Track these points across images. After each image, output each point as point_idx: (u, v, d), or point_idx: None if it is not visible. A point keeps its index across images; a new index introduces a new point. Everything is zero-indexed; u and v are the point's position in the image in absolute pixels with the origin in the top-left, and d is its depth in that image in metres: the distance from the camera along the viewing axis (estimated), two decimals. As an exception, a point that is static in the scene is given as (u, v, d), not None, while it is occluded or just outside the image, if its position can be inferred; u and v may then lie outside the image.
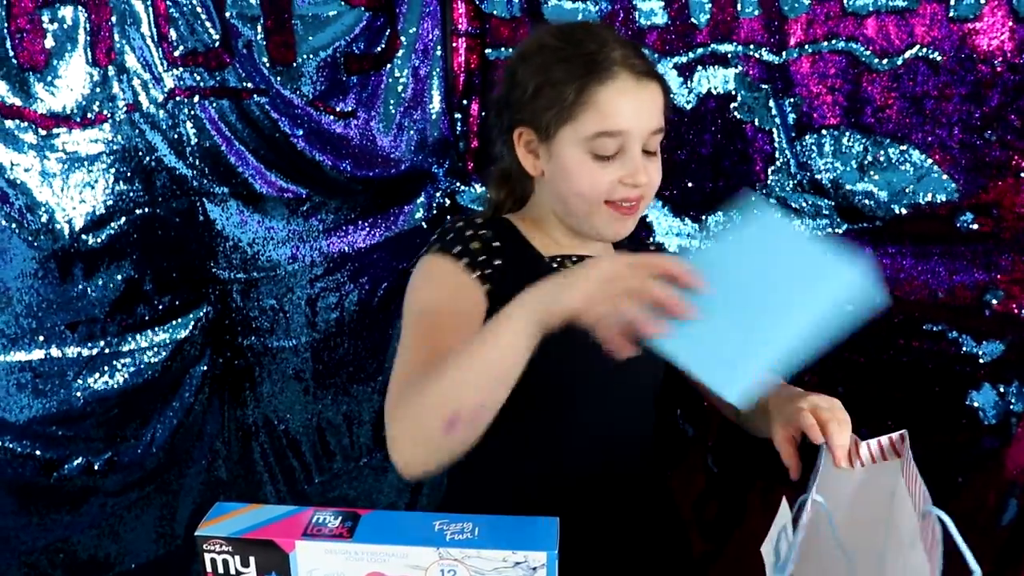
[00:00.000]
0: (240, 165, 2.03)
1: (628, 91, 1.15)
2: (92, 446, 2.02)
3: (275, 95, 2.01)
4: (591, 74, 1.14)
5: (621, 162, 1.18)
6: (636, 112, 1.17)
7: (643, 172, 1.18)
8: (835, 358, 1.98)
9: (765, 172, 1.98)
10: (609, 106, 1.15)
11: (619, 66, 1.14)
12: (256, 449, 2.19)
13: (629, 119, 1.16)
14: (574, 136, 1.18)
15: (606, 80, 1.14)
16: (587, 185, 1.18)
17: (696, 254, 1.02)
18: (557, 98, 1.16)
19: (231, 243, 2.07)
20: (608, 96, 1.14)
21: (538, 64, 1.20)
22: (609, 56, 1.15)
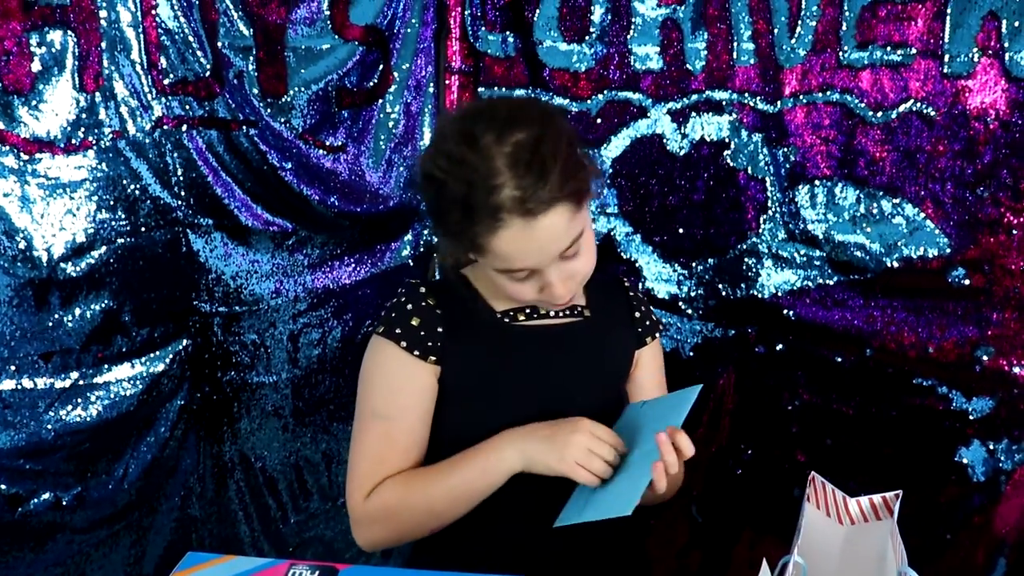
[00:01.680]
0: (226, 197, 2.00)
1: (519, 239, 1.09)
2: (61, 481, 1.96)
3: (264, 127, 1.98)
4: (479, 224, 1.09)
5: (536, 282, 1.17)
6: (534, 252, 1.13)
7: (560, 289, 1.16)
8: (822, 410, 1.99)
9: (757, 221, 1.98)
10: (504, 253, 1.11)
11: (507, 212, 1.07)
12: (232, 487, 2.14)
13: (530, 260, 1.13)
14: (484, 266, 1.19)
15: (496, 229, 1.09)
16: (514, 296, 1.20)
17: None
18: (458, 240, 1.15)
19: (214, 276, 2.03)
20: (500, 244, 1.10)
21: (432, 194, 1.16)
22: (496, 200, 1.07)
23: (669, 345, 2.06)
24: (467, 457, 1.21)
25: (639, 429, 1.24)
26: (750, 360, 2.02)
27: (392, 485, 1.24)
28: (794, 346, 1.99)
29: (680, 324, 2.06)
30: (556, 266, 1.15)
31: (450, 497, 1.22)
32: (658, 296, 2.05)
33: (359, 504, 1.25)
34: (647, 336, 1.43)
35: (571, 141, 1.15)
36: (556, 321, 1.31)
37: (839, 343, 1.96)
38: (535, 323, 1.30)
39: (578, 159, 1.15)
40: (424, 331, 1.25)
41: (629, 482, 1.13)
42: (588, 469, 1.14)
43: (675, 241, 2.01)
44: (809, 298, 1.96)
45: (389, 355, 1.25)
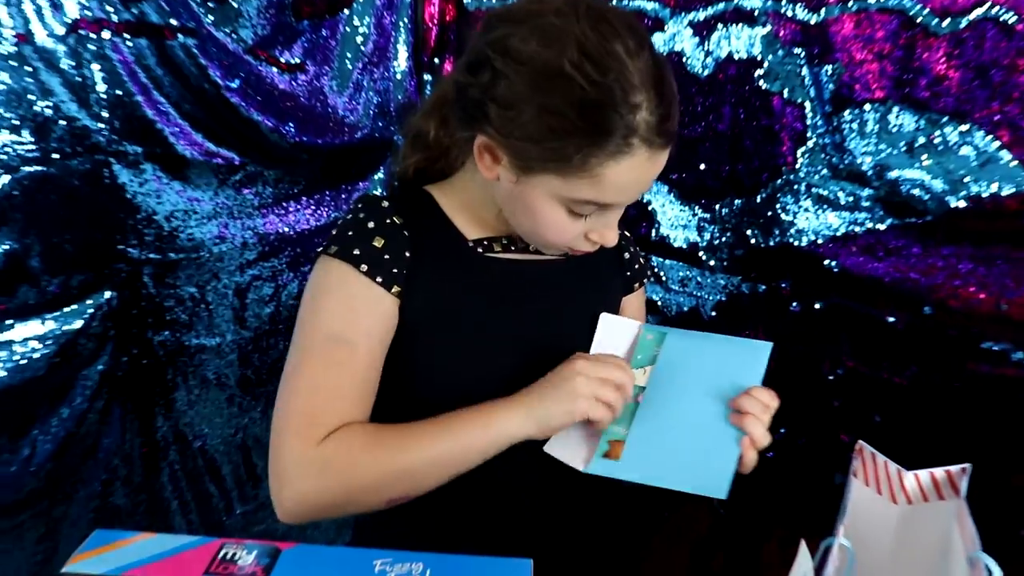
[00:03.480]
0: (159, 120, 1.81)
1: (637, 170, 1.02)
2: None
3: (206, 37, 1.80)
4: (605, 144, 0.99)
5: (594, 218, 1.09)
6: (638, 188, 1.06)
7: (614, 235, 1.11)
8: (870, 381, 1.81)
9: (794, 154, 1.81)
10: (611, 183, 1.02)
11: (639, 139, 0.99)
12: (165, 471, 1.94)
13: (627, 195, 1.06)
14: (557, 189, 1.05)
15: (618, 156, 0.99)
16: (550, 232, 1.10)
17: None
18: (555, 152, 1.02)
19: (144, 215, 1.84)
20: (614, 173, 1.01)
21: (541, 86, 1.00)
22: (634, 123, 0.98)
23: (688, 303, 1.90)
24: (462, 416, 1.07)
25: (685, 373, 1.15)
26: (784, 320, 1.85)
27: (360, 432, 1.07)
28: (836, 304, 1.82)
29: (701, 278, 1.89)
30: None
31: (435, 459, 1.06)
32: (674, 244, 1.89)
33: (309, 448, 1.04)
34: (635, 282, 1.34)
35: None
36: (536, 256, 1.21)
37: (891, 300, 1.78)
38: (513, 256, 1.20)
39: None
40: (389, 255, 1.12)
41: (705, 454, 1.06)
42: (604, 401, 1.05)
43: (696, 179, 1.86)
44: (856, 246, 1.79)
45: (347, 278, 1.10)
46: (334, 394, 1.07)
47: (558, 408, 1.04)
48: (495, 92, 1.03)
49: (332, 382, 1.08)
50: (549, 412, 1.04)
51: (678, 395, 1.13)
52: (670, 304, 1.89)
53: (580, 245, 1.11)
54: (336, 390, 1.08)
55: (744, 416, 1.06)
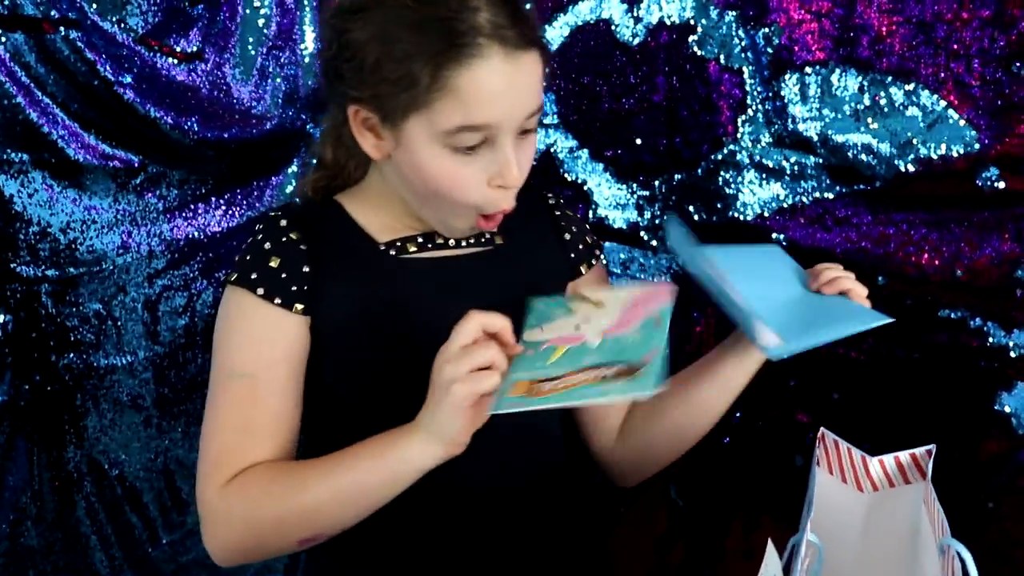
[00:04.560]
0: (45, 123, 1.71)
1: (497, 73, 1.00)
2: None
3: (91, 28, 1.68)
4: (449, 50, 0.99)
5: (487, 156, 1.06)
6: (508, 99, 1.03)
7: (515, 168, 1.05)
8: (826, 357, 1.71)
9: (734, 123, 1.76)
10: (472, 95, 1.00)
11: (486, 38, 0.98)
12: (80, 504, 1.84)
13: (499, 109, 1.02)
14: (428, 127, 1.04)
15: (468, 60, 0.98)
16: (447, 186, 1.07)
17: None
18: (404, 79, 1.02)
19: (37, 228, 1.74)
20: (471, 81, 1.00)
21: (378, 26, 1.03)
22: (473, 22, 0.98)
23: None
24: (363, 446, 1.04)
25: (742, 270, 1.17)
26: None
27: (261, 471, 1.06)
28: None
29: (644, 259, 1.82)
30: (513, 137, 1.04)
31: (335, 495, 1.02)
32: (614, 226, 1.81)
33: (214, 494, 1.06)
34: (582, 263, 1.29)
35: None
36: (457, 252, 1.19)
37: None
38: (430, 255, 1.18)
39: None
40: (285, 272, 1.11)
41: (834, 306, 1.20)
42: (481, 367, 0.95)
43: (632, 155, 1.79)
44: (804, 217, 1.74)
45: (245, 305, 1.11)
46: (240, 433, 1.07)
47: (442, 410, 0.96)
48: (343, 53, 1.06)
49: (236, 421, 1.08)
50: (438, 419, 0.97)
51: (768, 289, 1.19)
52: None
53: (490, 200, 1.07)
54: (242, 429, 1.07)
55: (832, 285, 1.18)
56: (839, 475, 1.11)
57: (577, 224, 1.31)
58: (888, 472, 1.10)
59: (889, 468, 1.10)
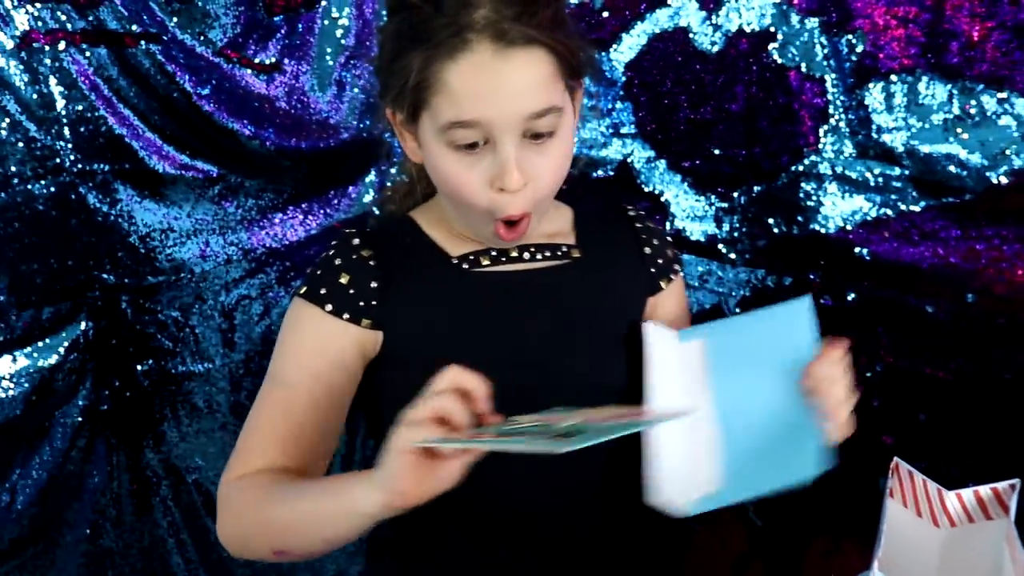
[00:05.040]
0: (127, 135, 1.75)
1: (484, 68, 0.98)
2: None
3: (171, 41, 1.73)
4: (439, 46, 0.99)
5: (489, 157, 1.03)
6: (496, 96, 1.00)
7: (513, 173, 1.02)
8: (911, 376, 1.71)
9: (815, 133, 1.71)
10: (460, 89, 0.99)
11: (477, 33, 0.97)
12: (158, 508, 1.88)
13: (489, 106, 1.00)
14: (432, 124, 1.04)
15: (456, 54, 0.98)
16: (455, 186, 1.06)
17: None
18: (404, 75, 1.03)
19: (118, 237, 1.78)
20: (458, 76, 0.99)
21: (395, 25, 1.05)
22: (468, 19, 0.98)
23: (709, 300, 1.80)
24: (337, 477, 1.03)
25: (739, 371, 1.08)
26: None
27: (263, 476, 1.08)
28: (871, 294, 1.72)
29: (722, 273, 1.80)
30: (516, 138, 1.01)
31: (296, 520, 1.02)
32: (691, 238, 1.79)
33: (226, 484, 1.09)
34: (662, 278, 1.24)
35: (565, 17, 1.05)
36: (532, 265, 1.16)
37: (930, 287, 1.67)
38: (503, 268, 1.15)
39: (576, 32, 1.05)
40: (355, 288, 1.11)
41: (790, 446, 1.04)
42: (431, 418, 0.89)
43: (710, 166, 1.77)
44: (888, 231, 1.68)
45: (307, 318, 1.12)
46: (265, 436, 1.09)
47: (386, 454, 0.90)
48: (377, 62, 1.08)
49: (266, 425, 1.10)
50: (383, 463, 0.91)
51: (744, 398, 1.07)
52: (690, 302, 1.78)
53: (496, 204, 1.04)
54: (268, 433, 1.09)
55: (815, 392, 1.02)
56: (913, 508, 1.08)
57: (658, 237, 1.27)
58: (967, 507, 1.06)
59: (968, 503, 1.05)
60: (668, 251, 1.26)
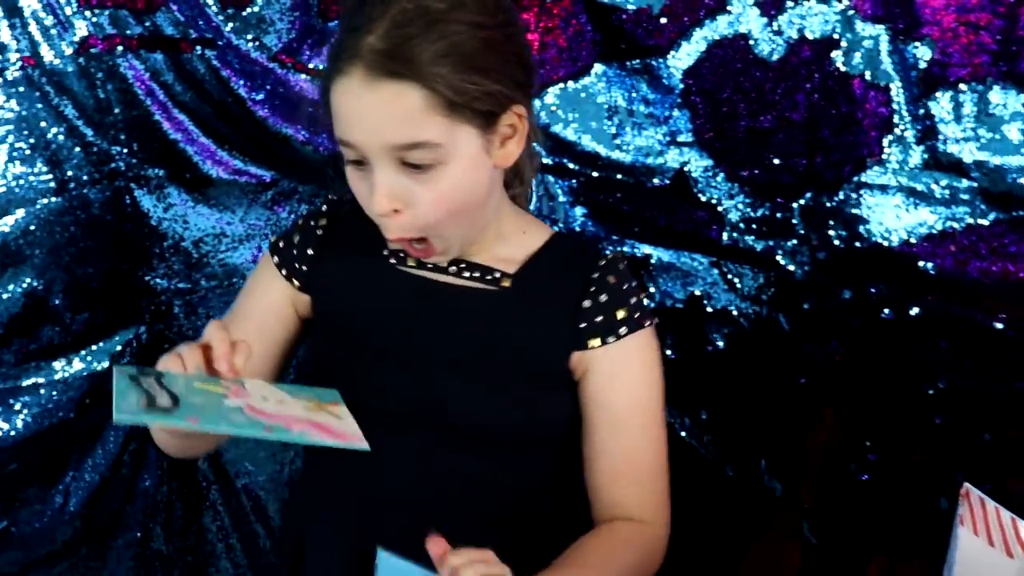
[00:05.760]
0: (181, 139, 1.78)
1: (352, 95, 1.03)
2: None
3: (226, 47, 1.74)
4: (332, 66, 1.06)
5: (371, 178, 1.07)
6: (364, 123, 1.04)
7: (375, 197, 1.05)
8: (977, 394, 1.68)
9: (880, 143, 1.67)
10: (336, 110, 1.07)
11: (356, 60, 1.01)
12: (208, 513, 1.90)
13: (355, 131, 1.05)
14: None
15: (336, 76, 1.04)
16: (355, 195, 1.12)
17: None
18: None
19: (171, 242, 1.81)
20: (334, 97, 1.06)
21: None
22: (356, 45, 1.02)
23: (769, 314, 1.78)
24: None
25: None
26: (875, 329, 1.71)
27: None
28: (935, 309, 1.68)
29: (781, 286, 1.76)
30: (390, 164, 1.04)
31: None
32: (749, 249, 1.76)
33: None
34: (594, 337, 1.19)
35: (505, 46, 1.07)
36: (455, 280, 1.19)
37: (997, 303, 1.64)
38: (424, 274, 1.20)
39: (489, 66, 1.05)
40: (297, 250, 1.24)
41: None
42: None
43: (769, 175, 1.73)
44: (955, 244, 1.64)
45: (264, 263, 1.28)
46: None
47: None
48: None
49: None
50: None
51: None
52: (748, 314, 1.78)
53: (378, 222, 1.09)
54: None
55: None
56: (985, 537, 1.03)
57: (614, 296, 1.21)
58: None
59: (1049, 529, 1.03)
60: (620, 313, 1.20)
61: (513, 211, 1.22)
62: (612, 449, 1.19)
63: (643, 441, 1.20)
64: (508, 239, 1.19)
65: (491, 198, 1.14)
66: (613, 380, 1.19)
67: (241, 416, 0.92)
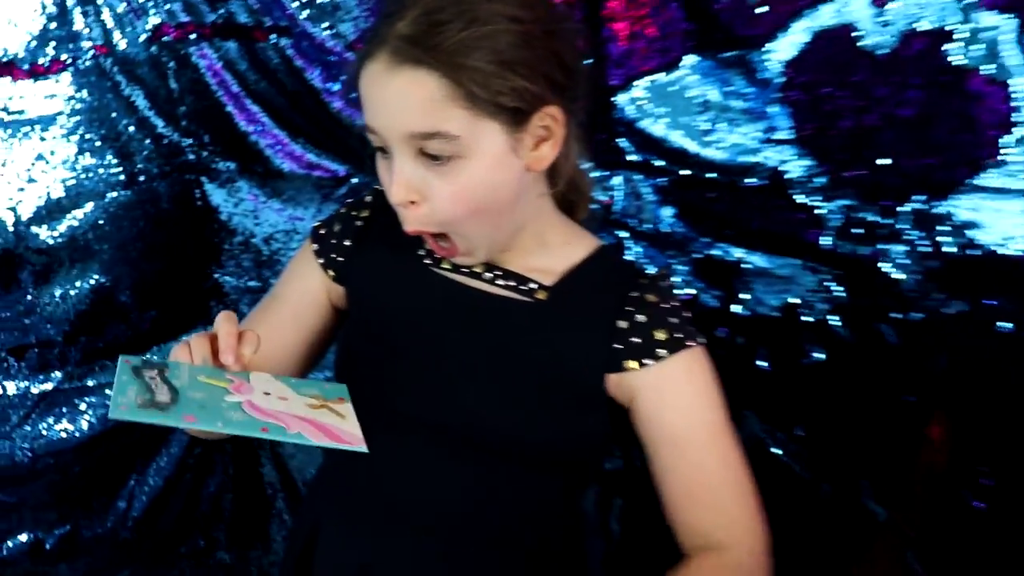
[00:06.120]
0: (254, 131, 1.79)
1: (375, 80, 1.02)
2: (42, 518, 1.79)
3: (301, 35, 1.75)
4: (361, 53, 1.04)
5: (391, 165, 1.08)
6: (384, 109, 1.02)
7: (393, 187, 1.03)
8: None
9: (997, 144, 1.60)
10: (361, 94, 1.05)
11: (384, 45, 1.00)
12: (274, 521, 1.87)
13: (376, 117, 1.03)
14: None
15: (364, 61, 1.02)
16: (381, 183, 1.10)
17: None
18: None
19: (241, 238, 1.82)
20: (361, 81, 1.03)
21: None
22: (386, 31, 1.01)
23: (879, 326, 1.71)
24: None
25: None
26: (990, 343, 1.64)
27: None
28: None
29: (889, 296, 1.70)
30: (410, 153, 1.02)
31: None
32: (851, 254, 1.71)
33: None
34: (630, 358, 1.13)
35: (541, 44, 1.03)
36: (488, 287, 1.14)
37: None
38: (457, 278, 1.15)
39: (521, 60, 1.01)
40: (335, 240, 1.21)
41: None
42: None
43: (875, 177, 1.68)
44: None
45: (304, 248, 1.24)
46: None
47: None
48: None
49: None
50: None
51: None
52: (849, 325, 1.73)
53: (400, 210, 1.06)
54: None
55: None
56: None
57: (653, 315, 1.15)
58: None
59: None
60: (659, 334, 1.13)
61: (560, 220, 1.16)
62: (678, 472, 1.13)
63: (709, 459, 1.13)
64: (551, 249, 1.14)
65: (520, 202, 1.08)
66: (662, 404, 1.13)
67: (239, 414, 0.89)
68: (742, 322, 1.74)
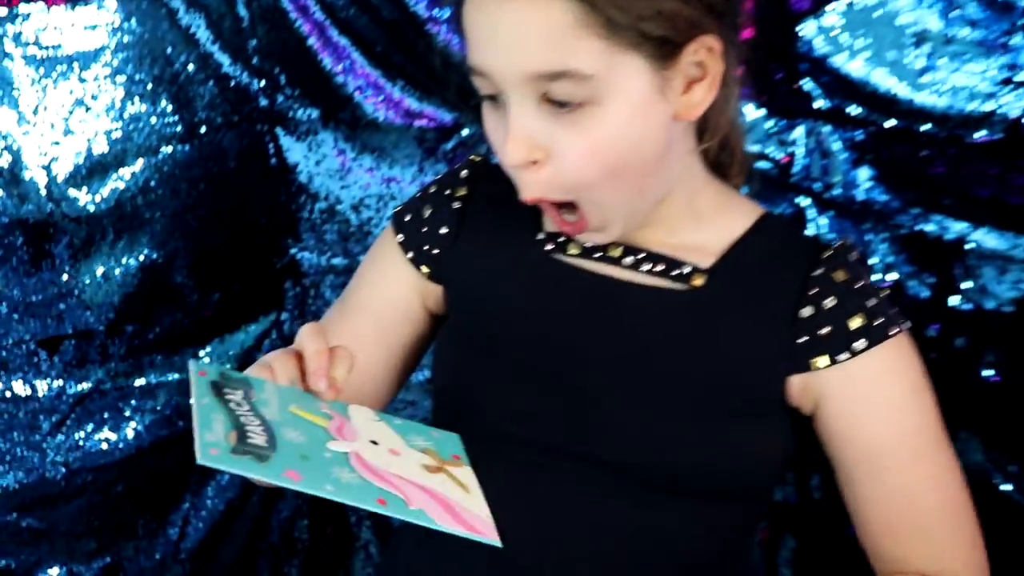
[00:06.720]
0: (340, 71, 1.66)
1: (482, 10, 0.89)
2: (78, 548, 1.66)
3: None
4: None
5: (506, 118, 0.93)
6: (492, 44, 0.89)
7: (508, 144, 0.89)
8: None
9: None
10: (467, 29, 0.92)
11: None
12: (358, 555, 1.69)
13: (485, 54, 0.90)
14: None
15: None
16: (491, 142, 0.96)
17: None
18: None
19: (324, 204, 1.71)
20: (465, 16, 0.92)
21: None
22: None
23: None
24: None
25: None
26: None
27: None
28: None
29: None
30: (530, 101, 0.89)
31: None
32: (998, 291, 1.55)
33: None
34: (817, 355, 0.99)
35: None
36: (631, 275, 1.01)
37: None
38: (590, 265, 1.03)
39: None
40: (427, 227, 1.10)
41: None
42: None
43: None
44: None
45: (386, 242, 1.12)
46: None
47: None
48: None
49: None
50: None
51: None
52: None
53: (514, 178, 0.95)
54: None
55: None
56: None
57: (845, 298, 1.01)
58: None
59: None
60: (854, 321, 1.01)
61: (712, 185, 1.03)
62: (877, 496, 1.00)
63: (916, 479, 0.99)
64: (704, 221, 1.02)
65: (667, 160, 0.95)
66: (857, 409, 1.00)
67: (349, 474, 0.79)
68: (963, 318, 1.54)
